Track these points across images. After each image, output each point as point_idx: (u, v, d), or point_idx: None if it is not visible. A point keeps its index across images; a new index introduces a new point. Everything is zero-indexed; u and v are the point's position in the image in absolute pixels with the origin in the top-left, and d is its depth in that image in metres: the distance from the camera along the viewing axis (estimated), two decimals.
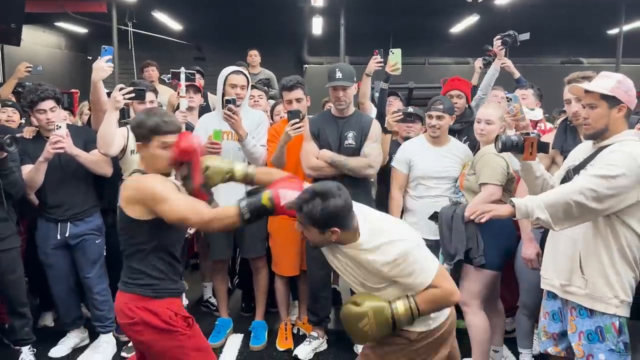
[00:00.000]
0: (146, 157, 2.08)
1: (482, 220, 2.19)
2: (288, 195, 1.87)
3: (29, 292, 3.77)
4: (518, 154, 2.22)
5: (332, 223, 1.83)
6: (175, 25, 11.57)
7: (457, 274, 2.85)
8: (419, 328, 2.02)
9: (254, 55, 6.20)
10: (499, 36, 3.74)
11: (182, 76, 3.56)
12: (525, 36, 3.70)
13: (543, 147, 2.23)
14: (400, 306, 1.92)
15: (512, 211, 2.07)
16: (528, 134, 2.23)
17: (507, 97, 3.19)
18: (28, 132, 3.22)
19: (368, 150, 3.06)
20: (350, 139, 3.09)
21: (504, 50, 3.74)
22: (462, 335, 3.22)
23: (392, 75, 3.63)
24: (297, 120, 2.98)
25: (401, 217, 3.18)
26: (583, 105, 2.14)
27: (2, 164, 2.72)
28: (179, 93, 3.60)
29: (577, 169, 2.14)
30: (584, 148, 2.21)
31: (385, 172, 3.34)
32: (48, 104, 2.96)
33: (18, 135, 3.48)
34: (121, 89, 2.86)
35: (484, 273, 2.78)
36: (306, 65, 13.12)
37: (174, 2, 10.04)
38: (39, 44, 11.29)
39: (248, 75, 3.32)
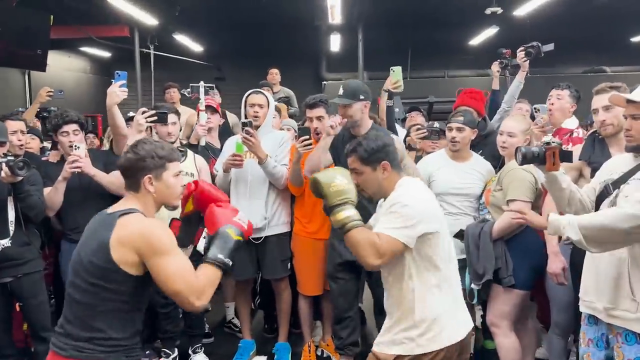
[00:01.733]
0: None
1: (513, 221, 2.32)
2: (243, 219, 1.87)
3: (56, 315, 3.82)
4: (541, 166, 2.11)
5: (382, 156, 2.00)
6: (195, 47, 11.78)
7: (485, 294, 2.76)
8: (396, 351, 1.92)
9: (275, 74, 6.25)
10: (522, 48, 3.67)
11: (202, 90, 3.60)
12: (550, 47, 3.62)
13: (565, 157, 2.12)
14: (347, 212, 1.91)
15: (544, 223, 2.03)
16: (549, 143, 2.11)
17: (534, 108, 3.11)
18: (53, 157, 3.29)
19: None
20: None
21: (528, 62, 3.67)
22: (491, 357, 3.13)
23: (395, 92, 3.55)
24: (307, 137, 2.96)
25: None
26: (625, 115, 2.03)
27: (18, 187, 2.75)
28: (198, 107, 3.64)
29: (616, 183, 2.03)
30: (623, 161, 2.10)
31: None
32: (71, 127, 3.02)
33: (43, 159, 3.58)
34: (144, 112, 2.89)
35: (514, 293, 2.70)
36: (325, 82, 13.18)
37: (194, 24, 10.23)
38: (64, 68, 11.59)
39: (268, 95, 3.32)
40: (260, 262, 3.28)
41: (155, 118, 2.96)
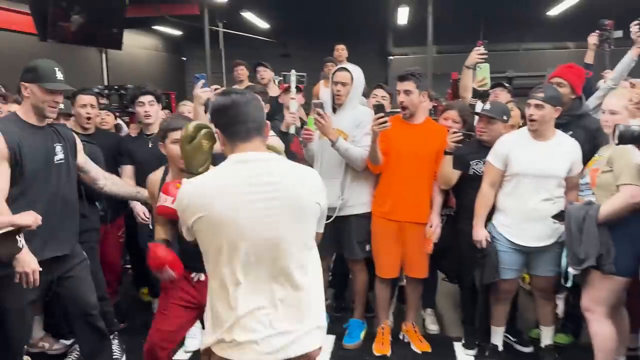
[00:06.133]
0: None
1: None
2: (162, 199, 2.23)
3: (132, 283, 4.04)
4: None
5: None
6: (262, 24, 11.82)
7: (582, 279, 2.60)
8: None
9: (341, 50, 6.09)
10: (637, 21, 3.30)
11: (293, 78, 3.61)
12: None
13: None
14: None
15: None
16: None
17: (630, 83, 2.84)
18: (133, 130, 3.45)
19: None
20: None
21: None
22: (562, 351, 3.04)
23: (480, 90, 3.39)
24: (382, 115, 2.83)
25: (490, 218, 2.94)
26: None
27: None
28: (289, 94, 3.67)
29: None
30: None
31: (460, 188, 3.12)
32: (147, 97, 3.27)
33: (124, 134, 3.75)
34: (216, 89, 2.91)
35: (614, 280, 2.52)
36: (391, 57, 12.88)
37: (261, 1, 10.23)
38: (138, 46, 12.02)
39: (352, 72, 3.18)
40: (340, 239, 3.24)
41: None
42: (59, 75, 2.35)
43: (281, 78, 3.89)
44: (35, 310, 2.90)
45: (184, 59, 13.72)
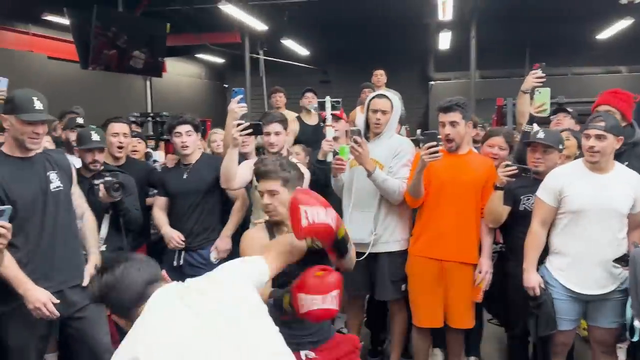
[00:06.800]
0: None
1: None
2: (308, 300, 1.80)
3: None
4: None
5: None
6: (302, 51, 11.91)
7: None
8: None
9: (380, 75, 5.96)
10: None
11: (328, 105, 3.50)
12: None
13: None
14: None
15: None
16: None
17: None
18: (170, 161, 3.35)
19: None
20: None
21: None
22: None
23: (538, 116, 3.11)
24: (434, 144, 2.61)
25: (543, 260, 2.64)
26: None
27: (117, 205, 2.81)
28: (325, 122, 3.54)
29: None
30: None
31: (508, 225, 2.84)
32: (184, 127, 3.05)
33: (160, 164, 3.67)
34: (238, 124, 2.76)
35: None
36: (432, 82, 12.67)
37: (301, 28, 10.31)
38: (181, 74, 12.31)
39: (392, 99, 3.02)
40: (373, 279, 3.02)
41: (249, 130, 2.78)
42: (38, 105, 2.17)
43: (316, 106, 3.78)
44: (50, 347, 2.81)
45: (226, 86, 13.96)
